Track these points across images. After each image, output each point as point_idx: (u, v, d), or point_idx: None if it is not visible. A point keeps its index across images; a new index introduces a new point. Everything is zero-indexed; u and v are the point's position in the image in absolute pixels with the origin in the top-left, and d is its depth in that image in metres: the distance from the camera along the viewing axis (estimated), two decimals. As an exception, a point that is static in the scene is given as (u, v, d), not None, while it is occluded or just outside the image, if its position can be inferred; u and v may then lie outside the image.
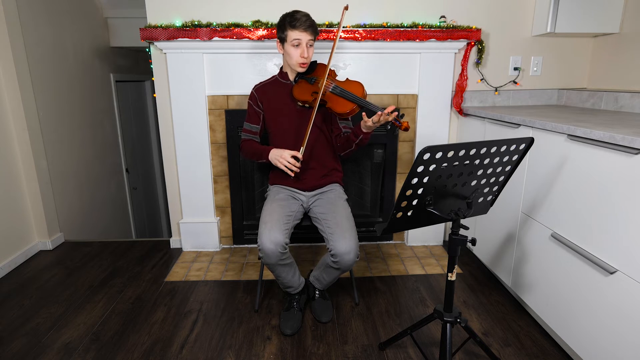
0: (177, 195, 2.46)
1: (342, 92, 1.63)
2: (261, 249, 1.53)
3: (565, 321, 1.48)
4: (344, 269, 1.61)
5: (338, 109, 1.62)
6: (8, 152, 2.29)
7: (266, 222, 1.58)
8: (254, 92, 1.80)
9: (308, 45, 1.65)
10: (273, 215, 1.62)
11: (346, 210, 1.71)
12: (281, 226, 1.57)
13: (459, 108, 2.33)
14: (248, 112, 1.83)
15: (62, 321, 1.79)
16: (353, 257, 1.55)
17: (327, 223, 1.65)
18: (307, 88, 1.71)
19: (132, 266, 2.30)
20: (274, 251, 1.52)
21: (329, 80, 1.68)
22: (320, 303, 1.80)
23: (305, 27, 1.61)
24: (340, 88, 1.64)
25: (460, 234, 1.25)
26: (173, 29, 2.09)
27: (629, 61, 2.13)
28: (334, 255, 1.56)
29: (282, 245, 1.53)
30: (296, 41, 1.63)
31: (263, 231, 1.55)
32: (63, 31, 2.80)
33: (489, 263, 2.09)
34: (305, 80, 1.73)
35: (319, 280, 1.78)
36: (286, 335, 1.68)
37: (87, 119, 3.10)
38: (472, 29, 2.19)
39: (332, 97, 1.65)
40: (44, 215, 2.48)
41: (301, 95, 1.69)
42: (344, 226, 1.60)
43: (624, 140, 1.19)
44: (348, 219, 1.66)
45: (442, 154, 1.05)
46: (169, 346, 1.62)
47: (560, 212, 1.50)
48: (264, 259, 1.56)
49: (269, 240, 1.52)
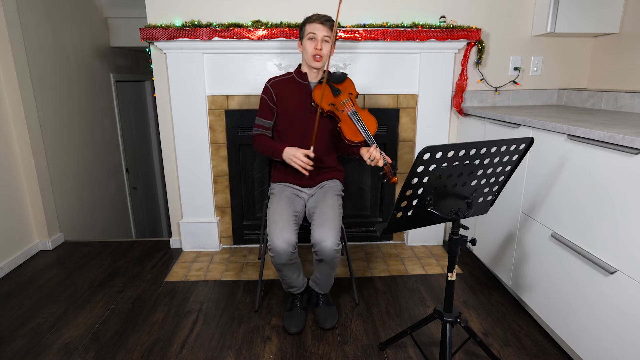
0: (177, 195, 2.46)
1: (359, 122, 1.66)
2: (272, 248, 1.52)
3: (565, 321, 1.48)
4: (327, 261, 1.57)
5: (348, 134, 1.65)
6: (8, 152, 2.29)
7: (276, 222, 1.57)
8: (270, 88, 1.77)
9: (324, 40, 1.65)
10: (283, 214, 1.61)
11: (334, 201, 1.70)
12: (291, 225, 1.57)
13: (459, 108, 2.33)
14: (261, 106, 1.80)
15: (62, 321, 1.79)
16: (330, 245, 1.51)
17: (313, 215, 1.67)
18: (328, 96, 1.70)
19: (132, 266, 2.30)
20: (286, 250, 1.51)
21: (350, 102, 1.70)
22: (323, 309, 1.76)
23: (321, 21, 1.64)
24: (358, 116, 1.67)
25: (460, 234, 1.25)
26: (173, 29, 2.09)
27: (629, 61, 2.13)
28: (314, 245, 1.55)
29: (293, 244, 1.53)
30: (311, 34, 1.65)
31: (274, 231, 1.53)
32: (63, 31, 2.80)
33: (489, 263, 2.09)
34: (330, 88, 1.72)
35: (316, 283, 1.76)
36: (291, 334, 1.68)
37: (87, 119, 3.10)
38: (472, 29, 2.19)
39: (347, 120, 1.67)
40: (44, 215, 2.48)
41: (320, 100, 1.67)
42: (326, 215, 1.60)
43: (624, 140, 1.19)
44: (332, 209, 1.65)
45: (442, 154, 1.05)
46: (169, 346, 1.62)
47: (560, 212, 1.50)
48: (274, 259, 1.54)
49: (281, 239, 1.51)
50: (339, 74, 1.77)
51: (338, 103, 1.69)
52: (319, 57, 1.66)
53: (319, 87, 1.69)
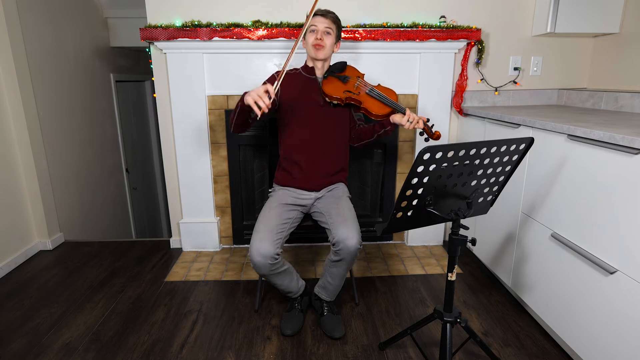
0: (177, 195, 2.46)
1: (379, 95, 1.66)
2: (251, 260, 1.52)
3: (565, 321, 1.48)
4: (347, 259, 1.55)
5: (374, 110, 1.64)
6: (8, 152, 2.29)
7: (258, 232, 1.55)
8: (276, 76, 1.72)
9: (325, 32, 1.65)
10: (268, 223, 1.59)
11: (349, 204, 1.72)
12: (273, 236, 1.54)
13: (459, 108, 2.33)
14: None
15: (62, 321, 1.79)
16: (355, 243, 1.51)
17: (330, 215, 1.65)
18: (338, 86, 1.69)
19: (132, 266, 2.30)
20: (264, 264, 1.50)
21: (362, 82, 1.70)
22: (330, 318, 1.70)
23: (321, 13, 1.64)
24: (377, 91, 1.67)
25: (460, 234, 1.25)
26: (173, 29, 2.09)
27: (629, 61, 2.13)
28: (336, 244, 1.53)
29: (271, 257, 1.50)
30: (313, 27, 1.65)
31: (253, 242, 1.52)
32: (63, 31, 2.80)
33: (489, 263, 2.09)
34: (336, 78, 1.72)
35: (324, 289, 1.72)
36: (286, 336, 1.67)
37: (87, 119, 3.10)
38: (472, 29, 2.19)
39: (368, 98, 1.67)
40: (44, 215, 2.48)
41: (333, 92, 1.66)
42: (346, 216, 1.60)
43: (624, 140, 1.19)
44: (350, 210, 1.67)
45: (442, 154, 1.05)
46: (169, 346, 1.62)
47: (560, 212, 1.50)
48: (255, 270, 1.55)
49: (258, 253, 1.49)
50: (338, 64, 1.76)
51: (352, 87, 1.69)
52: (319, 46, 1.65)
53: (326, 81, 1.69)
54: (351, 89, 1.68)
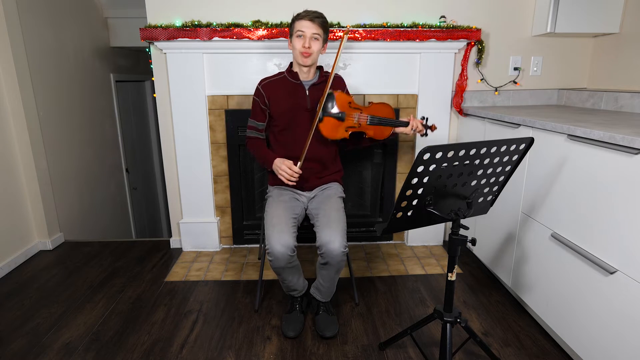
0: (177, 195, 2.46)
1: (381, 121, 1.67)
2: (270, 252, 1.50)
3: (565, 321, 1.48)
4: (332, 263, 1.53)
5: (379, 135, 1.70)
6: (8, 153, 2.29)
7: (275, 225, 1.55)
8: (261, 90, 1.74)
9: (312, 37, 1.62)
10: (281, 217, 1.59)
11: (337, 204, 1.70)
12: (290, 228, 1.55)
13: (459, 108, 2.33)
14: (253, 108, 1.78)
15: (62, 321, 1.79)
16: (338, 247, 1.49)
17: (317, 217, 1.65)
18: (338, 125, 1.66)
19: (132, 266, 2.30)
20: (284, 254, 1.49)
21: (358, 112, 1.67)
22: (324, 317, 1.70)
23: (310, 17, 1.60)
24: (377, 117, 1.68)
25: (460, 234, 1.25)
26: (173, 29, 2.09)
27: (629, 61, 2.13)
28: (320, 247, 1.52)
29: (291, 248, 1.51)
30: (299, 32, 1.62)
31: (272, 234, 1.52)
32: (63, 31, 2.80)
33: (489, 263, 2.09)
34: (333, 118, 1.65)
35: (318, 290, 1.72)
36: (288, 338, 1.67)
37: (87, 119, 3.10)
38: (472, 29, 2.19)
39: (370, 128, 1.69)
40: (44, 215, 2.48)
41: (335, 134, 1.66)
42: (331, 217, 1.58)
43: (624, 140, 1.19)
44: (337, 211, 1.64)
45: (442, 154, 1.05)
46: (169, 346, 1.62)
47: (560, 212, 1.50)
48: (273, 263, 1.53)
49: (279, 243, 1.49)
50: (327, 96, 1.64)
51: (352, 123, 1.67)
52: (307, 54, 1.63)
53: (324, 125, 1.64)
54: (352, 124, 1.67)
